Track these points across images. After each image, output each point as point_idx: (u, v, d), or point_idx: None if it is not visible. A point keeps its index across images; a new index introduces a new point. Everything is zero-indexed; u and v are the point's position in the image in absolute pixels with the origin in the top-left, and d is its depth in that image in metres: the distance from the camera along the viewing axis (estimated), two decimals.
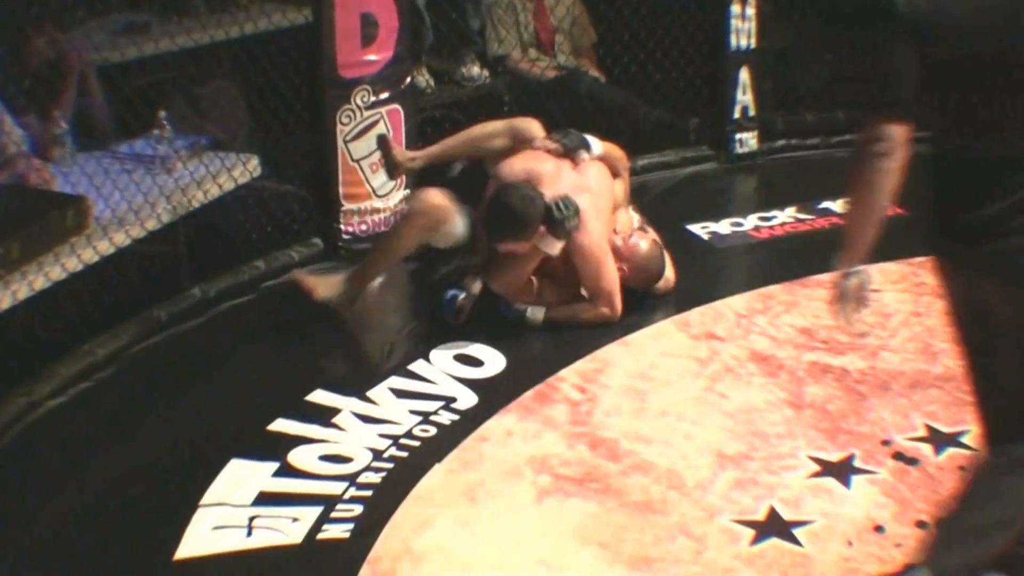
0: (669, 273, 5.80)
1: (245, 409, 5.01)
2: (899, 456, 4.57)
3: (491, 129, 5.92)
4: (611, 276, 5.56)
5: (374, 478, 4.53)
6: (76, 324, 5.45)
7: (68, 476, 4.65)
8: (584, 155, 5.71)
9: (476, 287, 5.60)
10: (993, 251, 3.28)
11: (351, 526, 4.28)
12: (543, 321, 5.58)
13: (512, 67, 7.75)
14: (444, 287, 5.65)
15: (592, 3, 8.05)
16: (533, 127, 5.85)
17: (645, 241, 5.75)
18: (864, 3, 3.23)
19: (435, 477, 4.52)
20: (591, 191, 5.62)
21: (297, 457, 4.65)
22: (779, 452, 4.62)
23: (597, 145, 5.77)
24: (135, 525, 4.34)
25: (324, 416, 4.92)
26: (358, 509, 4.36)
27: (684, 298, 5.80)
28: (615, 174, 5.86)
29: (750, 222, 6.69)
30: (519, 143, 5.77)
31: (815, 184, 7.17)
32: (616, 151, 5.92)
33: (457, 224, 5.55)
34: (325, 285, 5.66)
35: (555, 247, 5.49)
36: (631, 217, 5.92)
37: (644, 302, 5.72)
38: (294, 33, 6.62)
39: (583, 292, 5.63)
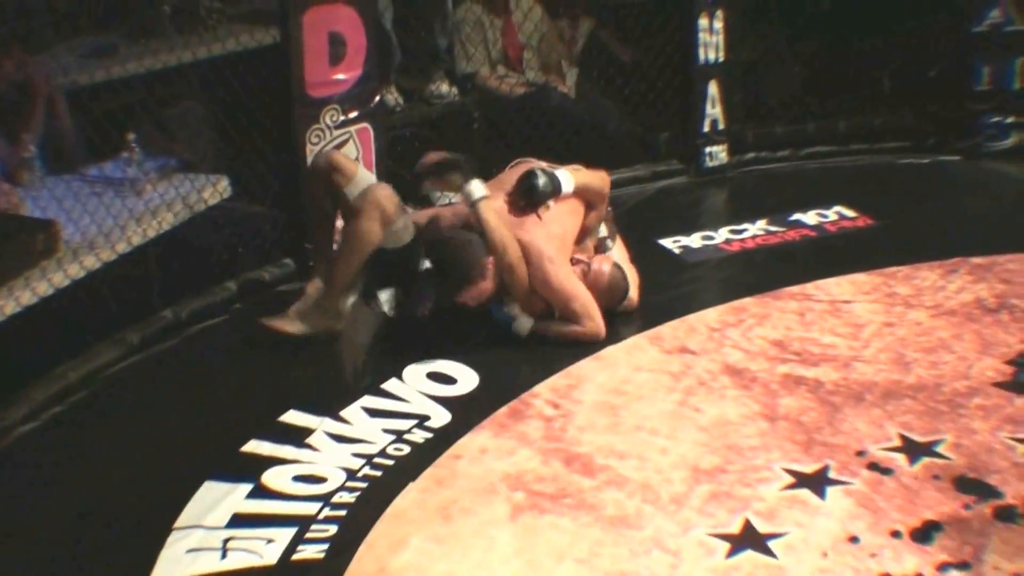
0: (633, 293, 5.79)
1: (218, 431, 4.99)
2: (873, 466, 4.57)
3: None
4: (581, 297, 5.55)
5: (348, 498, 4.52)
6: (48, 348, 5.42)
7: (41, 501, 4.63)
8: (550, 204, 5.67)
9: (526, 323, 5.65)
10: None
11: (326, 546, 4.26)
12: (527, 333, 5.59)
13: (481, 84, 7.76)
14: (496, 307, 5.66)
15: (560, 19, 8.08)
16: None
17: (607, 265, 5.72)
18: None
19: (409, 496, 4.51)
20: (542, 225, 5.62)
21: (271, 478, 4.63)
22: (754, 465, 4.62)
23: (569, 183, 5.68)
24: (109, 549, 4.32)
25: (297, 436, 4.90)
26: (333, 529, 4.35)
27: (656, 312, 5.80)
28: (589, 206, 5.81)
29: (721, 235, 6.71)
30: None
31: (785, 196, 7.22)
32: (595, 183, 5.81)
33: (406, 222, 5.55)
34: (299, 320, 5.65)
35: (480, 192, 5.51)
36: (596, 239, 5.90)
37: (616, 317, 5.71)
38: (262, 53, 6.62)
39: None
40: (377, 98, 6.51)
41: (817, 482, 4.49)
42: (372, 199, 5.51)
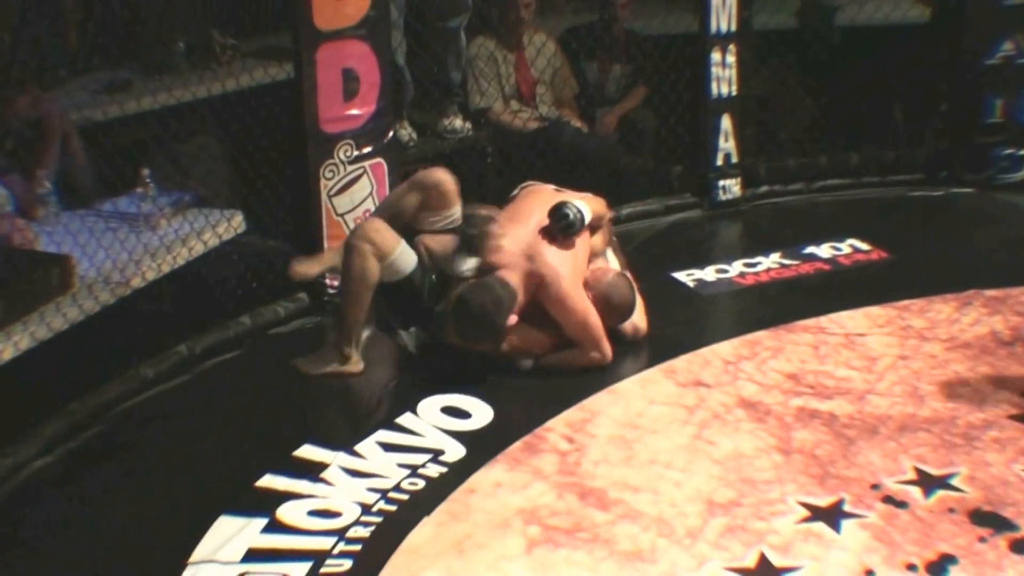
0: (638, 320, 5.81)
1: (233, 465, 4.99)
2: (888, 499, 4.56)
3: (397, 192, 5.93)
4: (594, 323, 5.57)
5: (363, 532, 4.52)
6: (62, 383, 5.42)
7: (55, 536, 4.63)
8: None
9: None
10: None
11: None
12: (532, 366, 5.60)
13: (494, 119, 7.78)
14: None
15: (573, 54, 8.10)
16: (434, 173, 5.83)
17: (611, 273, 5.75)
18: None
19: (424, 530, 4.50)
20: (562, 254, 5.63)
21: (286, 513, 4.63)
22: (768, 498, 4.61)
23: (588, 214, 5.70)
24: None
25: (312, 471, 4.90)
26: (347, 564, 4.34)
27: (670, 345, 5.80)
28: (593, 230, 5.82)
29: (735, 268, 6.70)
30: (428, 192, 5.74)
31: (799, 229, 7.21)
32: (600, 209, 5.86)
33: (406, 255, 5.56)
34: (319, 361, 5.68)
35: (469, 264, 5.53)
36: (607, 262, 5.92)
37: (630, 350, 5.71)
38: (276, 89, 6.64)
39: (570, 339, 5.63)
40: (391, 133, 6.53)
41: (832, 515, 4.48)
42: (362, 234, 5.53)
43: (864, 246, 6.88)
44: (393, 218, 5.74)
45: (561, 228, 5.61)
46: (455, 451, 5.03)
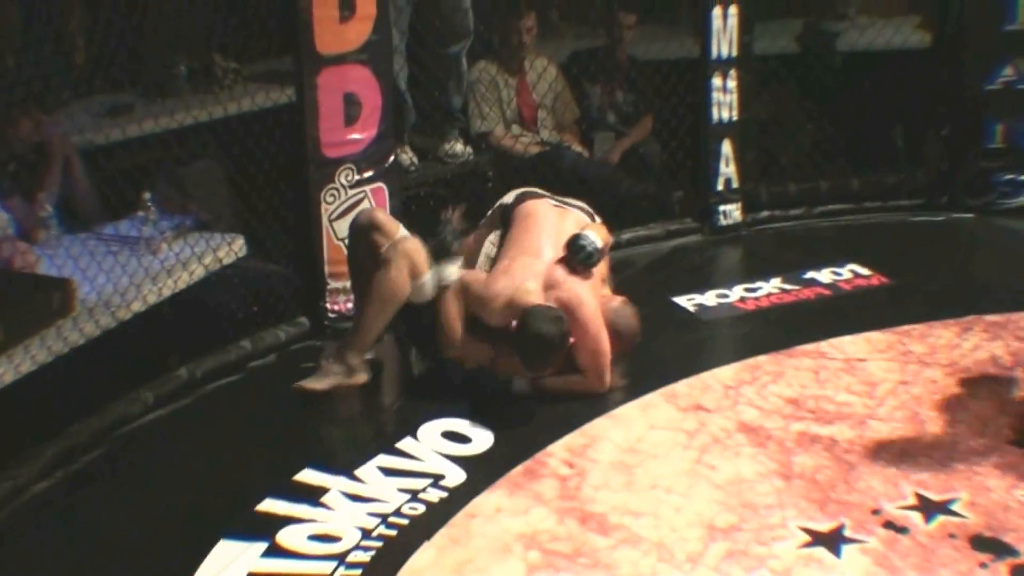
0: None
1: (233, 489, 4.99)
2: (889, 525, 4.56)
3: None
4: (607, 352, 5.57)
5: (363, 557, 4.51)
6: (63, 405, 5.42)
7: (55, 559, 4.62)
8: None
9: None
10: None
11: None
12: (528, 390, 5.59)
13: (495, 143, 7.79)
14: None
15: (576, 79, 8.11)
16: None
17: (615, 300, 5.76)
18: None
19: (425, 555, 4.50)
20: (583, 283, 5.64)
21: (286, 537, 4.62)
22: (769, 523, 4.60)
23: (599, 241, 5.72)
24: None
25: (313, 495, 4.89)
26: None
27: (671, 370, 5.79)
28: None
29: (735, 293, 6.70)
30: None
31: (799, 254, 7.21)
32: (606, 234, 5.89)
33: (432, 277, 5.56)
34: (325, 376, 5.66)
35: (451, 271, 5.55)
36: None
37: (631, 374, 5.71)
38: (277, 113, 6.64)
39: (578, 364, 5.62)
40: (392, 158, 6.53)
41: (833, 540, 4.48)
42: (402, 250, 5.52)
43: (865, 271, 6.88)
44: (394, 309, 5.69)
45: (581, 260, 5.61)
46: (455, 476, 5.03)
